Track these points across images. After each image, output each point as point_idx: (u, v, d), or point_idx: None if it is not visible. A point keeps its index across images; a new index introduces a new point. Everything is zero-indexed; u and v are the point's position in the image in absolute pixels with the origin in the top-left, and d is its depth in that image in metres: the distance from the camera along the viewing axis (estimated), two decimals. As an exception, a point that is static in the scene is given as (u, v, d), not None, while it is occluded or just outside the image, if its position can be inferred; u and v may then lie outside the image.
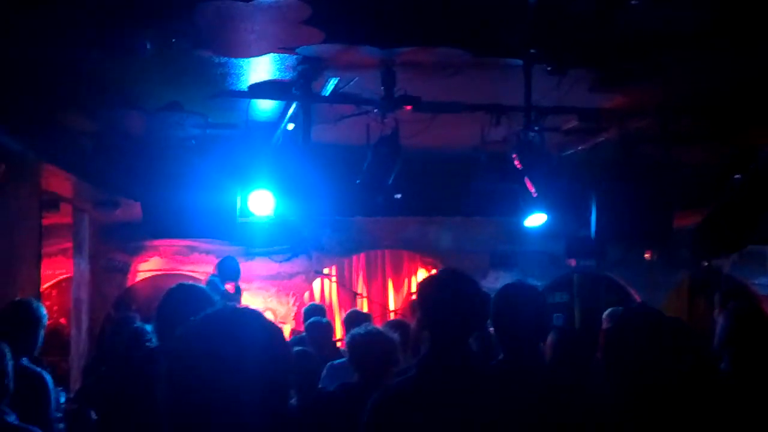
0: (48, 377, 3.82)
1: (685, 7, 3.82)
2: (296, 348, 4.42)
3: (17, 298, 4.43)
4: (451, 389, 2.32)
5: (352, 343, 3.79)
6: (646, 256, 9.58)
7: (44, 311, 4.05)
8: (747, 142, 6.55)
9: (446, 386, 2.34)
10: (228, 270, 8.00)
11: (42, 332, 3.96)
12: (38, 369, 3.83)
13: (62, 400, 4.02)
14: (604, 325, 6.43)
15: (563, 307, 10.06)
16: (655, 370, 2.63)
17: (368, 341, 3.77)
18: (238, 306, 1.61)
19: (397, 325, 4.46)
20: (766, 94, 5.29)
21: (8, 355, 3.10)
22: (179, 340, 1.49)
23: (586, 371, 4.17)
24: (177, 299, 3.29)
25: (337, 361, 4.70)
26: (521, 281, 3.18)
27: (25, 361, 3.67)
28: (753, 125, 6.16)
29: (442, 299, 2.45)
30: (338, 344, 6.05)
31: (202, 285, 3.56)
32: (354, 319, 5.28)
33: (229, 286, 7.92)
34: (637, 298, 10.03)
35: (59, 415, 3.93)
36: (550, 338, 4.13)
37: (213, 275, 8.04)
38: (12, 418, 3.03)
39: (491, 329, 2.92)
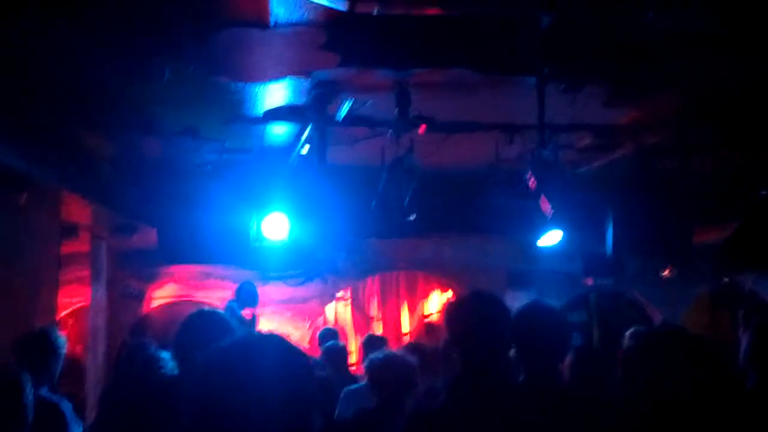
0: (66, 407, 3.80)
1: (697, 13, 3.81)
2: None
3: (37, 327, 4.44)
4: (484, 411, 2.30)
5: (371, 367, 3.78)
6: (665, 272, 9.49)
7: (63, 340, 4.05)
8: (765, 149, 6.49)
9: (478, 408, 2.32)
10: (246, 295, 7.99)
11: (61, 361, 3.96)
12: (56, 399, 3.80)
13: (80, 430, 4.00)
14: (626, 344, 6.38)
15: (581, 327, 9.98)
16: (678, 388, 2.59)
17: (387, 365, 3.76)
18: (261, 331, 1.60)
19: (415, 348, 4.44)
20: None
21: (28, 387, 3.09)
22: (204, 365, 1.49)
23: (606, 390, 4.13)
24: (196, 325, 3.29)
25: (353, 386, 4.68)
26: (539, 301, 3.15)
27: (43, 391, 3.66)
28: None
29: (472, 320, 2.44)
30: (352, 368, 6.03)
31: (221, 311, 3.55)
32: (371, 344, 5.27)
33: (246, 312, 7.89)
34: (657, 314, 9.93)
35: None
36: (568, 358, 4.10)
37: (231, 300, 8.03)
38: None
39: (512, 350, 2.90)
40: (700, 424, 2.50)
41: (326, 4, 3.36)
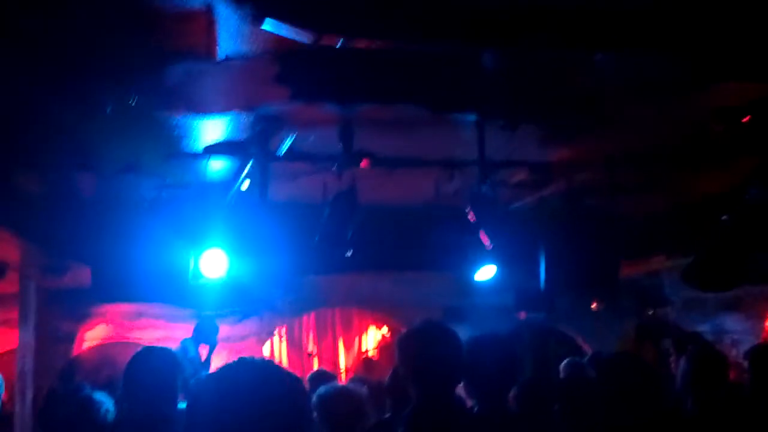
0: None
1: (641, 63, 4.04)
2: None
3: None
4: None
5: (320, 401, 3.76)
6: (593, 306, 9.78)
7: (0, 381, 3.92)
8: (691, 191, 6.85)
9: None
10: (205, 332, 7.78)
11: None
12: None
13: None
14: (562, 375, 6.55)
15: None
16: (630, 414, 2.71)
17: (336, 398, 3.75)
18: (251, 358, 1.63)
19: (364, 380, 4.45)
20: (707, 145, 5.57)
21: None
22: (198, 393, 1.50)
23: (549, 422, 4.25)
24: (144, 363, 3.26)
25: None
26: (488, 333, 3.23)
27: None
28: (697, 175, 6.45)
29: (426, 351, 2.47)
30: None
31: (169, 348, 3.50)
32: (319, 379, 5.22)
33: (204, 351, 7.69)
34: (587, 347, 10.19)
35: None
36: (513, 391, 4.20)
37: (186, 339, 7.82)
38: None
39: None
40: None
41: (288, 36, 3.42)
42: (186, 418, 1.48)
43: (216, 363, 8.76)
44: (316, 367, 10.58)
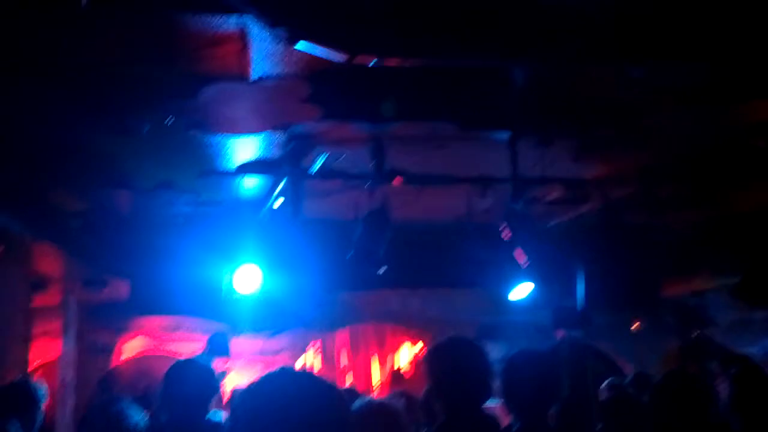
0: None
1: (678, 74, 3.98)
2: None
3: (18, 378, 4.39)
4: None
5: (355, 416, 3.72)
6: (634, 325, 9.61)
7: (44, 390, 4.01)
8: (736, 205, 6.70)
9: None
10: (218, 346, 7.91)
11: (41, 411, 3.92)
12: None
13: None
14: (602, 396, 6.43)
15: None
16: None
17: (369, 413, 3.70)
18: (291, 368, 1.64)
19: (401, 394, 4.43)
20: (745, 158, 5.45)
21: None
22: (241, 403, 1.52)
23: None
24: (182, 374, 3.31)
25: None
26: (528, 349, 3.17)
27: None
28: (742, 189, 6.30)
29: (451, 368, 2.45)
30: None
31: (205, 363, 3.56)
32: (349, 396, 5.21)
33: (218, 364, 7.78)
34: (626, 367, 10.00)
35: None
36: (553, 409, 4.14)
37: (201, 354, 7.93)
38: None
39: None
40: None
41: (321, 56, 3.45)
42: (228, 427, 1.50)
43: (248, 376, 8.83)
44: (349, 382, 10.57)
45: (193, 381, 3.29)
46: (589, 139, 5.12)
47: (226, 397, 7.05)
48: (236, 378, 8.56)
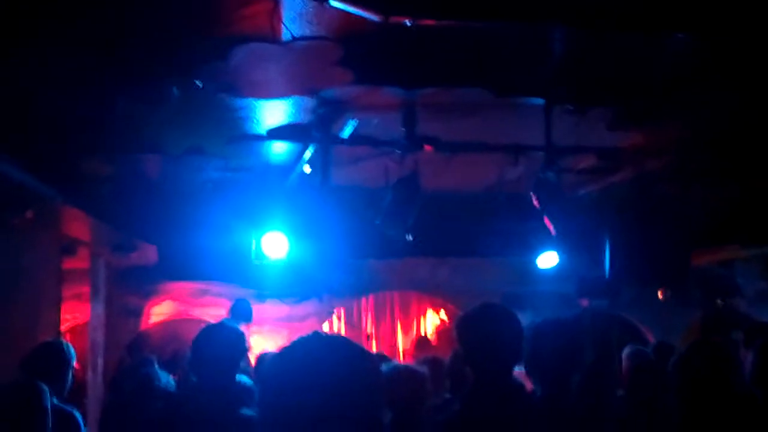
0: (79, 416, 3.81)
1: (719, 45, 3.88)
2: None
3: (47, 339, 4.45)
4: (497, 423, 2.31)
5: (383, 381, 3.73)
6: (660, 295, 9.54)
7: (73, 352, 4.07)
8: (764, 178, 6.58)
9: (492, 420, 2.33)
10: (241, 312, 8.01)
11: (71, 372, 3.98)
12: (70, 408, 3.81)
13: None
14: (624, 364, 6.41)
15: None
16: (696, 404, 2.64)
17: (396, 377, 3.71)
18: (324, 333, 1.63)
19: (426, 360, 4.44)
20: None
21: (47, 394, 3.13)
22: (273, 366, 1.51)
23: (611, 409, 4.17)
24: (213, 337, 3.34)
25: None
26: (552, 318, 3.16)
27: (55, 400, 3.66)
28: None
29: (484, 334, 2.44)
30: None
31: (235, 326, 3.58)
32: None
33: (244, 329, 7.87)
34: (650, 336, 9.96)
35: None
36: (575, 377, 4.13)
37: (225, 319, 8.03)
38: None
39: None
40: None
41: (357, 13, 3.38)
42: (258, 390, 1.50)
43: (274, 341, 8.92)
44: (374, 349, 10.63)
45: (222, 343, 3.31)
46: (625, 109, 5.02)
47: (252, 363, 7.14)
48: (262, 344, 8.64)
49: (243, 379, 4.14)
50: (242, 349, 3.41)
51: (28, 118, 4.69)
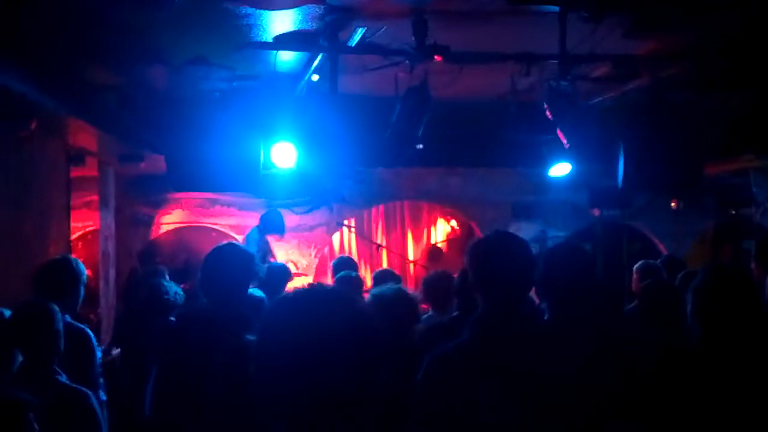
0: (91, 334, 3.86)
1: None
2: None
3: (58, 256, 4.46)
4: (505, 354, 2.31)
5: (376, 302, 3.76)
6: (672, 204, 9.50)
7: (84, 268, 4.08)
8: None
9: (500, 352, 2.33)
10: (272, 224, 8.14)
11: (83, 289, 4.00)
12: (81, 326, 3.86)
13: (98, 354, 4.08)
14: (635, 276, 6.43)
15: (586, 256, 10.04)
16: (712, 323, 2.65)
17: (392, 300, 3.74)
18: (324, 286, 1.60)
19: (436, 276, 4.52)
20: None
21: (59, 315, 3.16)
22: (267, 321, 1.51)
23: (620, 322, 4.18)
24: (219, 260, 3.33)
25: None
26: (567, 242, 3.14)
27: (67, 317, 3.70)
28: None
29: (497, 263, 2.41)
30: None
31: (241, 244, 3.56)
32: (384, 278, 5.26)
33: (271, 239, 8.03)
34: (661, 246, 9.98)
35: (100, 369, 3.99)
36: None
37: (255, 227, 8.14)
38: (63, 378, 3.09)
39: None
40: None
41: None
42: (256, 347, 1.49)
43: (284, 251, 9.00)
44: (385, 258, 10.73)
45: (232, 265, 3.31)
46: (641, 14, 4.83)
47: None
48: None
49: (255, 292, 4.16)
50: (252, 271, 3.40)
51: (28, 25, 4.57)
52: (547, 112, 5.38)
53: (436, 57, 4.85)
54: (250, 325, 3.00)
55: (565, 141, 5.48)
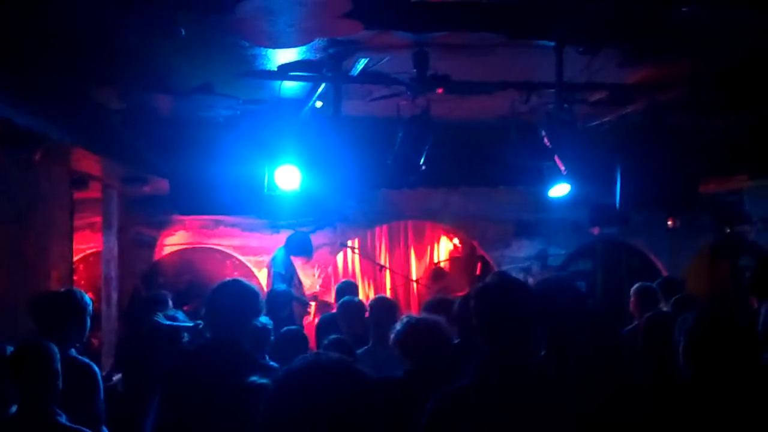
0: (97, 369, 3.88)
1: None
2: (332, 337, 4.54)
3: (65, 289, 4.50)
4: (512, 392, 2.38)
5: (400, 336, 3.71)
6: (669, 222, 9.60)
7: (89, 299, 4.12)
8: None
9: (504, 390, 2.40)
10: (299, 245, 8.11)
11: (89, 320, 4.03)
12: (86, 360, 3.88)
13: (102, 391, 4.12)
14: (632, 299, 6.53)
15: (586, 275, 10.13)
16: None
17: (416, 330, 3.68)
18: (330, 358, 1.67)
19: (435, 301, 4.53)
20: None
21: (57, 356, 3.14)
22: (274, 397, 1.59)
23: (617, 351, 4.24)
24: (224, 297, 3.39)
25: (361, 349, 4.84)
26: (559, 278, 3.22)
27: (73, 352, 3.74)
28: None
29: (499, 310, 2.48)
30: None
31: (249, 284, 3.58)
32: (381, 308, 5.27)
33: (298, 262, 8.05)
34: (659, 264, 10.06)
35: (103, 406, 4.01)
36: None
37: (282, 246, 8.14)
38: (63, 419, 3.05)
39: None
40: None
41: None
42: (262, 416, 1.55)
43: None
44: (388, 278, 10.80)
45: (235, 301, 3.36)
46: (637, 46, 4.93)
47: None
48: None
49: (263, 320, 4.19)
50: (256, 309, 3.44)
51: (34, 53, 4.64)
52: (545, 140, 5.47)
53: (438, 90, 4.94)
54: (254, 362, 3.07)
55: (562, 167, 5.57)
